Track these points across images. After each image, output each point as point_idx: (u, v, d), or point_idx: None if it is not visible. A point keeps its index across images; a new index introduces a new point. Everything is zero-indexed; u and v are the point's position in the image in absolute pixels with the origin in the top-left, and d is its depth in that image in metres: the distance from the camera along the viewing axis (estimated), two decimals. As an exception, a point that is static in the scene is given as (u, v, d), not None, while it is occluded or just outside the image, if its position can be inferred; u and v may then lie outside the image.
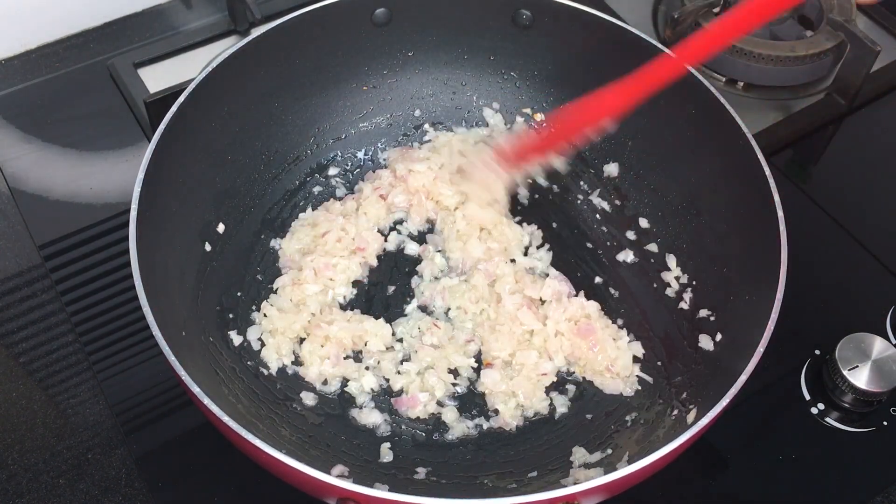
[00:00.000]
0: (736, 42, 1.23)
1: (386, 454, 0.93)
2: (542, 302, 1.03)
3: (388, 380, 0.98)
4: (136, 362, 1.01)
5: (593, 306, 1.02)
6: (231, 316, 1.00)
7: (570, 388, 0.99)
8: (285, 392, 0.97)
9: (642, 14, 1.37)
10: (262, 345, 0.99)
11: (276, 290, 1.03)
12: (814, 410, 1.00)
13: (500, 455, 0.94)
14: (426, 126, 1.19)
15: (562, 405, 0.98)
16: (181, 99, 0.95)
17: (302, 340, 1.00)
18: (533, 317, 1.00)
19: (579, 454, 0.92)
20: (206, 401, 0.76)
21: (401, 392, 0.98)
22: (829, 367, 0.99)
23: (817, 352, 1.04)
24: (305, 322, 1.00)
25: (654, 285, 1.05)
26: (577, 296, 1.04)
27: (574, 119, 0.99)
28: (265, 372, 0.97)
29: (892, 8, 1.38)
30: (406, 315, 1.04)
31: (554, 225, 1.13)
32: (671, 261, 1.06)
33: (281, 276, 1.05)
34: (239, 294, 1.03)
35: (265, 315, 1.01)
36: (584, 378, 0.99)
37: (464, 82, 1.18)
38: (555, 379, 0.99)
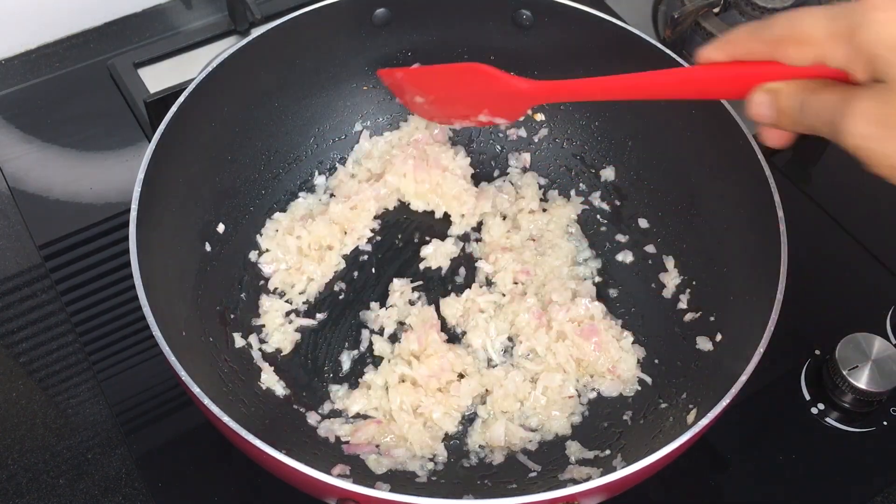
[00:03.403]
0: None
1: (386, 454, 0.93)
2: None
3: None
4: (136, 362, 1.01)
5: (598, 308, 1.01)
6: (232, 316, 1.00)
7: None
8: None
9: (642, 14, 1.37)
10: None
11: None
12: (814, 410, 1.00)
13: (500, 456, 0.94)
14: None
15: (577, 414, 0.97)
16: (181, 99, 0.95)
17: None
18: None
19: (574, 448, 0.92)
20: (206, 401, 0.76)
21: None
22: (829, 367, 0.99)
23: (817, 352, 1.04)
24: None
25: (653, 285, 1.05)
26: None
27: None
28: (264, 368, 0.98)
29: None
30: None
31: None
32: (670, 261, 1.06)
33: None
34: (240, 294, 1.03)
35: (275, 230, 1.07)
36: (579, 378, 0.99)
37: (464, 82, 1.18)
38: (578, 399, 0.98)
